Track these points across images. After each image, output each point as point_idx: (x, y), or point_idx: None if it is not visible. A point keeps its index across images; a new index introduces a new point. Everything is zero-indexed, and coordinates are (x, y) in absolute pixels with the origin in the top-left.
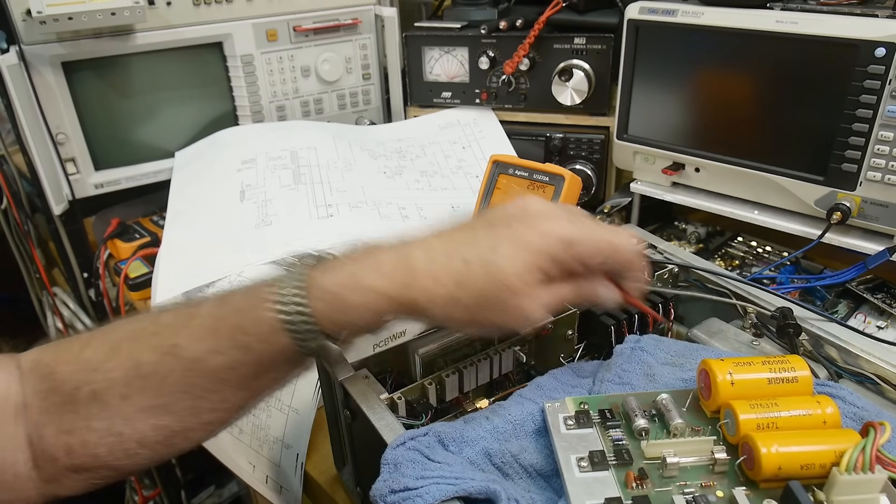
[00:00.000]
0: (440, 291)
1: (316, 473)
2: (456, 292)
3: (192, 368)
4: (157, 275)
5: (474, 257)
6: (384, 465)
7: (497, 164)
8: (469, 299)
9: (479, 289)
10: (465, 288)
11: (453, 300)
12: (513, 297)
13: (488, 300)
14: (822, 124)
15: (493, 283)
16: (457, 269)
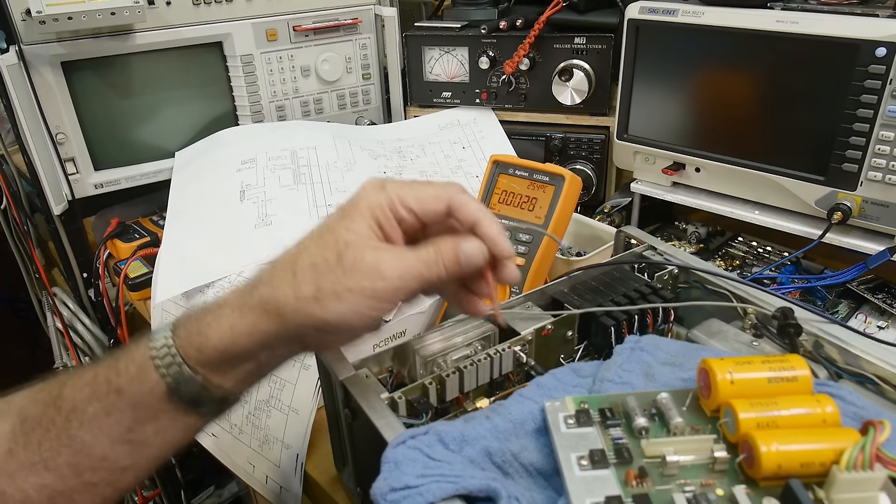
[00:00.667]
0: (279, 276)
1: (316, 473)
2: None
3: (70, 419)
4: (156, 275)
5: (307, 238)
6: (384, 464)
7: (497, 164)
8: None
9: (313, 254)
10: (299, 259)
11: (293, 276)
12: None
13: (326, 259)
14: (823, 124)
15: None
16: (291, 253)
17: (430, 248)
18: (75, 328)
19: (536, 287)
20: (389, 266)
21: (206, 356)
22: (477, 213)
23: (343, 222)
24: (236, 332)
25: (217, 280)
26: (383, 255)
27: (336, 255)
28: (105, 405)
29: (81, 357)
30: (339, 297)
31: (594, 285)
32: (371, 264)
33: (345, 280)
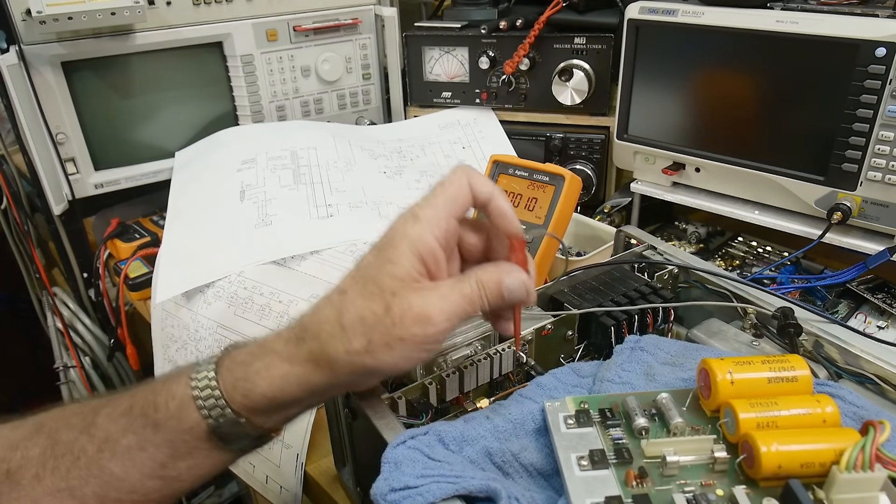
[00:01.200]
0: (327, 329)
1: (316, 473)
2: (340, 319)
3: (103, 449)
4: (157, 275)
5: (348, 281)
6: (384, 464)
7: (497, 165)
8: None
9: (359, 306)
10: (345, 312)
11: (342, 330)
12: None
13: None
14: (823, 124)
15: (368, 293)
16: (334, 303)
17: (472, 283)
18: (75, 328)
19: (536, 287)
20: (437, 310)
21: (253, 402)
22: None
23: (385, 268)
24: (287, 383)
25: (217, 280)
26: (430, 299)
27: (384, 306)
28: (140, 439)
29: (81, 357)
30: (390, 348)
31: (594, 285)
32: (419, 312)
33: (395, 331)
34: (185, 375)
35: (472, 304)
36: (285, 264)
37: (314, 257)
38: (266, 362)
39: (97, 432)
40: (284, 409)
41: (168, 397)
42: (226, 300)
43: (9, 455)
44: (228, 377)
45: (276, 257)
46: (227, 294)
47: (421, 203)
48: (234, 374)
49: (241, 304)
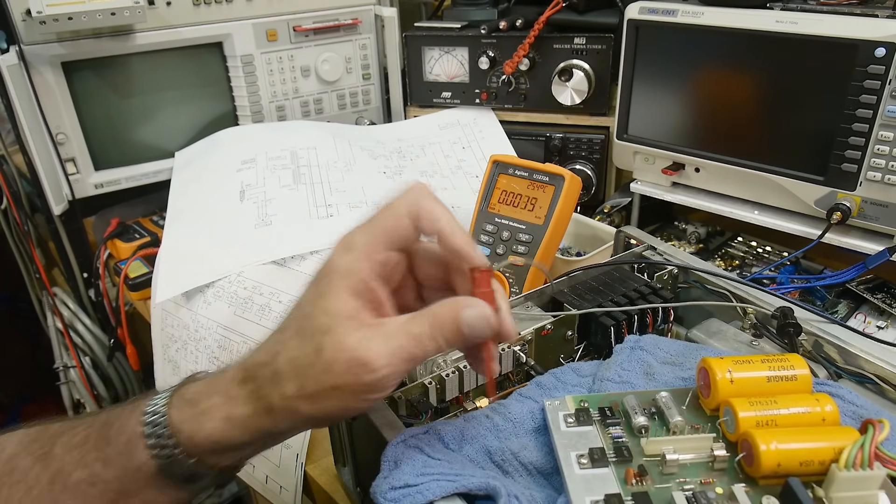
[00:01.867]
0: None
1: (316, 473)
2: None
3: (55, 480)
4: (157, 275)
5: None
6: (384, 462)
7: (497, 165)
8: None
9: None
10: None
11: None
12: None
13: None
14: (822, 124)
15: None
16: (272, 339)
17: (423, 321)
18: (75, 328)
19: (536, 287)
20: (376, 354)
21: (199, 445)
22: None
23: (318, 303)
24: (230, 426)
25: (217, 280)
26: (367, 341)
27: (315, 348)
28: (90, 473)
29: (81, 357)
30: (325, 396)
31: (594, 285)
32: (353, 356)
33: (326, 378)
34: (139, 409)
35: (420, 345)
36: (285, 264)
37: (314, 257)
38: (211, 403)
39: (52, 462)
40: (233, 451)
41: (119, 431)
42: (226, 300)
43: None
44: (176, 416)
45: (276, 257)
46: (227, 294)
47: (356, 230)
48: (181, 414)
49: (241, 304)
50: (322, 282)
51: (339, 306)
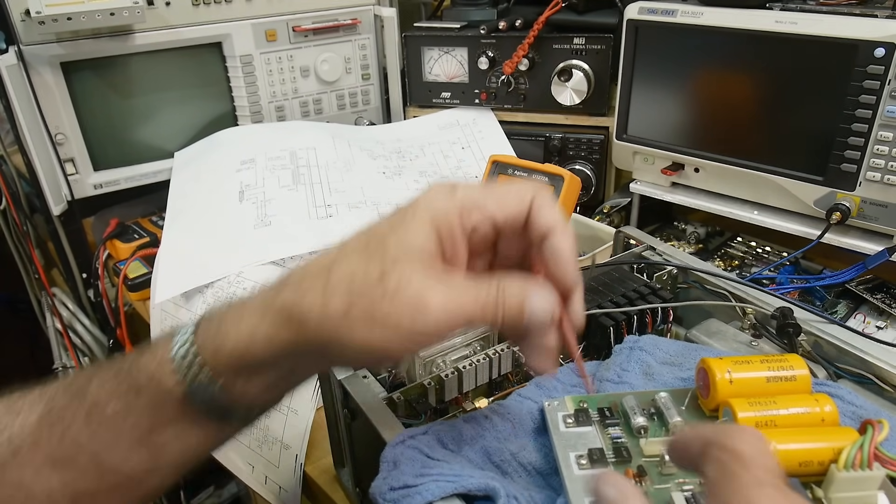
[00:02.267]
0: (310, 279)
1: (315, 473)
2: (328, 272)
3: (92, 413)
4: (156, 275)
5: (352, 239)
6: (383, 463)
7: (496, 165)
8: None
9: (354, 262)
10: (337, 265)
11: (325, 284)
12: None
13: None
14: (822, 124)
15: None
16: (330, 255)
17: (492, 288)
18: (75, 329)
19: None
20: (438, 301)
21: (223, 361)
22: (555, 221)
23: (396, 232)
24: (254, 338)
25: (216, 280)
26: (434, 283)
27: (380, 271)
28: (125, 404)
29: (81, 358)
30: (370, 323)
31: (593, 285)
32: (416, 294)
33: (382, 304)
34: (170, 336)
35: (483, 310)
36: (284, 265)
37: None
38: (239, 314)
39: (88, 397)
40: (258, 370)
41: (150, 357)
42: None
43: (10, 421)
44: (203, 334)
45: (276, 257)
46: (227, 294)
47: (466, 185)
48: (208, 330)
49: None
50: (407, 214)
51: (419, 242)
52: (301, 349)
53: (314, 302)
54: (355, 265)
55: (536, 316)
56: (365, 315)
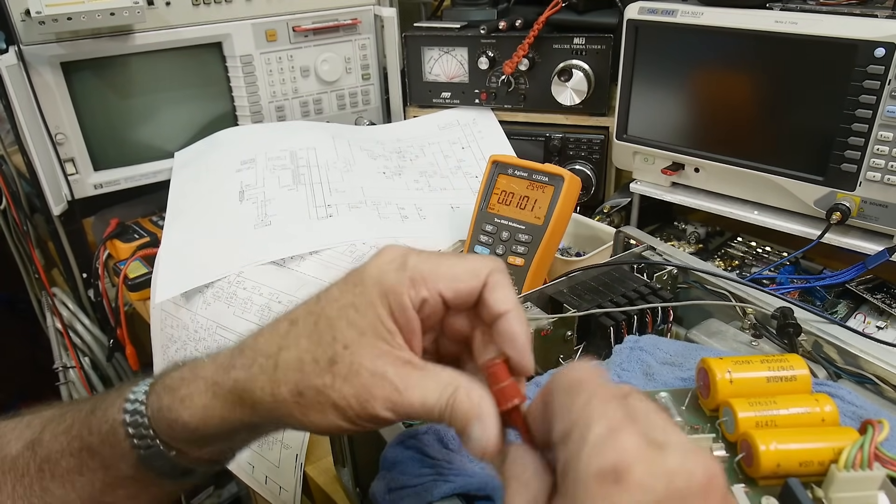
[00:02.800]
0: (259, 360)
1: (315, 473)
2: (277, 356)
3: (43, 469)
4: (156, 275)
5: (300, 311)
6: (383, 463)
7: (496, 165)
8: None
9: (303, 349)
10: (286, 349)
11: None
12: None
13: (316, 360)
14: (822, 124)
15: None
16: (279, 330)
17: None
18: (75, 328)
19: (536, 287)
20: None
21: (177, 434)
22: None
23: (346, 314)
24: (208, 416)
25: (216, 280)
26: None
27: (328, 358)
28: (78, 462)
29: (81, 357)
30: (321, 411)
31: (593, 286)
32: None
33: (331, 393)
34: (122, 396)
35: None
36: (284, 265)
37: (313, 258)
38: (191, 389)
39: (40, 450)
40: (212, 442)
41: (102, 419)
42: (225, 300)
43: None
44: (156, 403)
45: (276, 258)
46: (227, 294)
47: (416, 255)
48: (161, 401)
49: (240, 304)
50: (357, 288)
51: (368, 323)
52: (256, 424)
53: (264, 388)
54: (304, 351)
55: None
56: (314, 402)
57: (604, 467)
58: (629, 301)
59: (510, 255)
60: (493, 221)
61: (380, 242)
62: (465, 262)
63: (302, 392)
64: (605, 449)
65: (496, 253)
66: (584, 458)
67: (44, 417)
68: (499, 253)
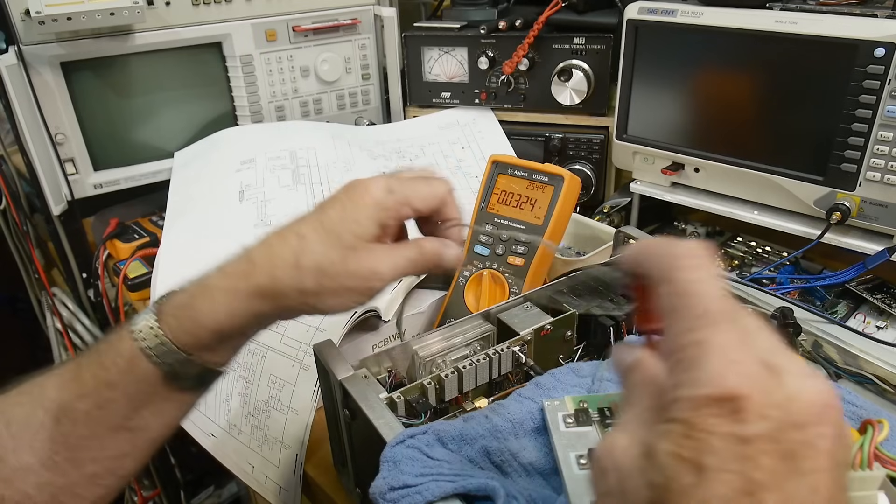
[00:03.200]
0: (281, 266)
1: (315, 473)
2: (297, 261)
3: (60, 419)
4: (156, 275)
5: (307, 228)
6: (384, 463)
7: (496, 165)
8: (312, 265)
9: (318, 253)
10: (304, 255)
11: (297, 271)
12: (352, 253)
13: (331, 260)
14: (822, 124)
15: (329, 243)
16: (291, 244)
17: (415, 251)
18: (75, 328)
19: (536, 287)
20: (386, 267)
21: (201, 340)
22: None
23: (349, 226)
24: (232, 315)
25: None
26: (382, 256)
27: (341, 257)
28: (96, 400)
29: None
30: (338, 294)
31: (593, 286)
32: (372, 267)
33: (346, 281)
34: (124, 333)
35: (413, 266)
36: None
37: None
38: (210, 298)
39: (50, 404)
40: (232, 340)
41: (115, 356)
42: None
43: None
44: (172, 322)
45: None
46: None
47: (399, 178)
48: (177, 318)
49: None
50: (356, 210)
51: (367, 229)
52: (274, 315)
53: (289, 285)
54: (321, 255)
55: (449, 263)
56: (333, 289)
57: (721, 396)
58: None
59: (510, 255)
60: (492, 221)
61: None
62: (430, 186)
63: (322, 284)
64: (723, 378)
65: (496, 253)
66: (700, 384)
67: (36, 381)
68: (499, 253)
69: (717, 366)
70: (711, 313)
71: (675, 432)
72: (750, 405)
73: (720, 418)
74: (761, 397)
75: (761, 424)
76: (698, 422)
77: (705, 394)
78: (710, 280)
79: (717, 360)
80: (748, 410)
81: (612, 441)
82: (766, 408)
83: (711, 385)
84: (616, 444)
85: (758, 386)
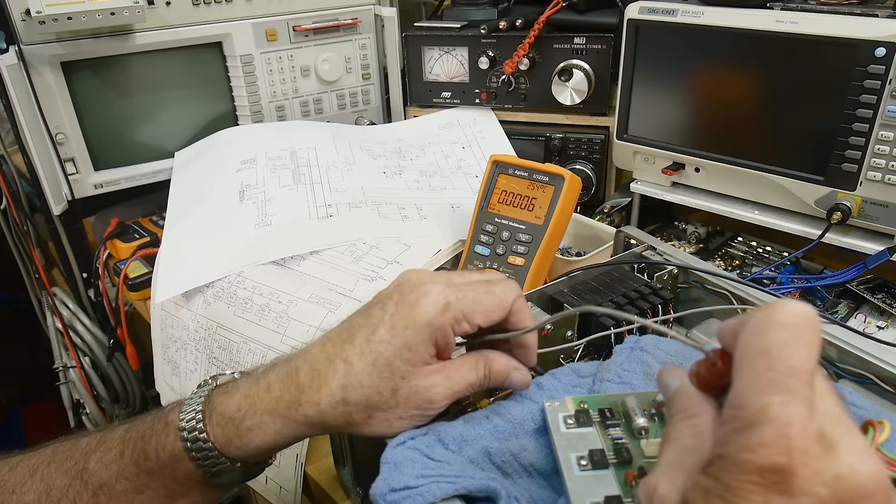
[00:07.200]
0: (328, 400)
1: (316, 473)
2: (344, 396)
3: (98, 495)
4: (156, 275)
5: (354, 353)
6: (384, 464)
7: (497, 164)
8: (361, 400)
9: (367, 386)
10: (352, 390)
11: (345, 406)
12: (405, 384)
13: (380, 393)
14: (822, 124)
15: (378, 375)
16: (339, 372)
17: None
18: (75, 328)
19: (536, 287)
20: (440, 394)
21: (247, 454)
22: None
23: (401, 353)
24: (281, 438)
25: (217, 280)
26: (438, 383)
27: (391, 389)
28: (136, 485)
29: (81, 357)
30: (388, 423)
31: (594, 285)
32: (424, 396)
33: (397, 411)
34: (171, 425)
35: (472, 388)
36: (285, 264)
37: (314, 257)
38: (258, 421)
39: (90, 478)
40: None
41: (158, 447)
42: (225, 300)
43: (6, 500)
44: (220, 434)
45: (276, 257)
46: (227, 294)
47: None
48: (226, 432)
49: (240, 304)
50: (408, 333)
51: (420, 355)
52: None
53: (337, 418)
54: (369, 389)
55: (515, 385)
56: (383, 420)
57: (767, 466)
58: (629, 301)
59: (510, 254)
60: (493, 221)
61: (380, 243)
62: (494, 296)
63: (372, 416)
64: (773, 449)
65: (496, 253)
66: (749, 449)
67: (81, 448)
68: (499, 253)
69: (772, 435)
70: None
71: (713, 492)
72: (796, 481)
73: (760, 487)
74: (809, 474)
75: (804, 500)
76: (736, 486)
77: (751, 459)
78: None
79: (774, 430)
80: (793, 486)
81: (654, 484)
82: (813, 485)
83: (760, 453)
84: (658, 488)
85: (808, 462)
